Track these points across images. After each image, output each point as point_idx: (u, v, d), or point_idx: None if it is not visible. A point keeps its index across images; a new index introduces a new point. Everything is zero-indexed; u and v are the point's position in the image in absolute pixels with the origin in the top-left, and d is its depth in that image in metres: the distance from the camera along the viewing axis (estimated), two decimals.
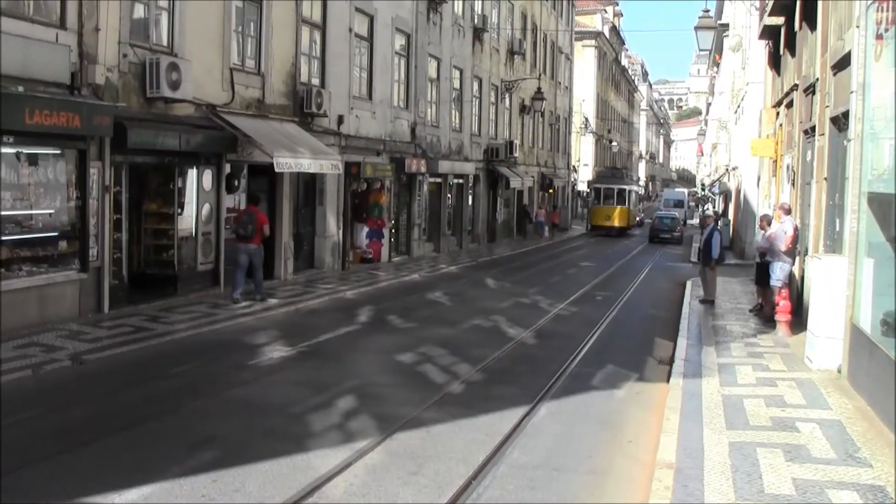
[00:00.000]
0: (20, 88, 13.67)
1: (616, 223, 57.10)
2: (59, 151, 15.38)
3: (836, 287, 12.54)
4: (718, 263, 21.30)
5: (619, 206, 57.36)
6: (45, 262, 15.27)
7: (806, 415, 10.31)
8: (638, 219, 69.51)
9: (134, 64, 16.62)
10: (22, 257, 14.79)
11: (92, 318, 15.70)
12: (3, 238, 14.34)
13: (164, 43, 17.79)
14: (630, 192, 60.00)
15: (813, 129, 16.87)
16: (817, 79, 16.22)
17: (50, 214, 15.41)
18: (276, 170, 19.30)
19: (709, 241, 20.97)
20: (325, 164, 21.47)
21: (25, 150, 14.63)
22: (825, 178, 15.37)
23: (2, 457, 8.33)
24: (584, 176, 72.90)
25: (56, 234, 15.51)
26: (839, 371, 12.34)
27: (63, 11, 15.08)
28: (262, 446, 9.05)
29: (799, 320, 16.10)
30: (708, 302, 20.51)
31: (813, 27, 17.28)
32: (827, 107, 15.05)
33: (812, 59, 17.30)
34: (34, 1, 14.56)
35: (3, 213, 14.31)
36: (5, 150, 14.21)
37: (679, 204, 77.99)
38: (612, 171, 66.29)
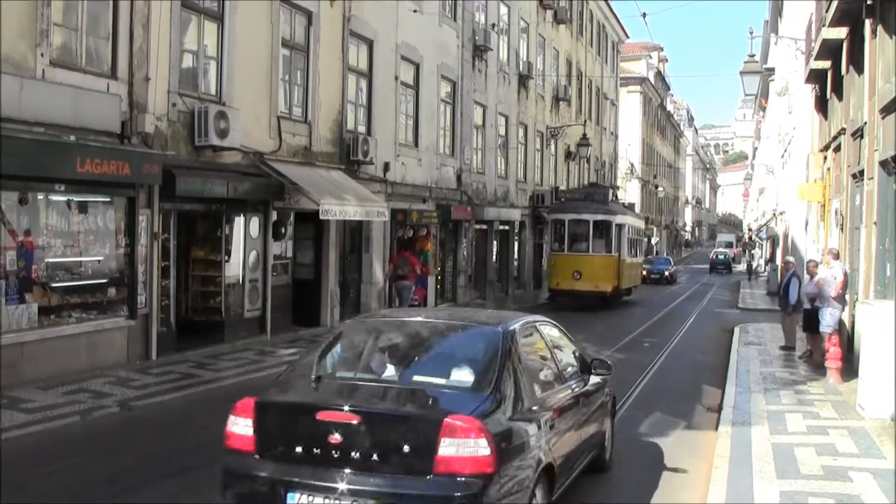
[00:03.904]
0: (72, 137, 13.93)
1: (590, 284, 32.15)
2: (108, 199, 15.61)
3: (887, 333, 12.31)
4: (795, 310, 20.79)
5: (597, 255, 32.86)
6: (95, 308, 15.44)
7: (859, 464, 10.08)
8: (669, 271, 56.04)
9: (183, 112, 16.88)
10: (72, 304, 14.95)
11: (140, 364, 15.82)
12: (54, 284, 14.55)
13: (213, 92, 18.08)
14: (620, 227, 33.98)
15: (861, 172, 16.70)
16: (865, 122, 16.09)
17: (99, 261, 15.60)
18: (323, 217, 19.43)
19: (787, 288, 20.49)
20: (371, 211, 21.59)
21: (76, 198, 14.88)
22: (874, 223, 15.19)
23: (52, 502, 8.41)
24: None
25: (105, 280, 15.68)
26: (892, 419, 12.08)
27: (114, 62, 15.39)
28: None
29: (850, 367, 15.83)
30: (787, 349, 20.14)
31: (860, 71, 17.17)
32: (875, 150, 14.92)
33: (859, 102, 17.17)
34: (86, 52, 14.86)
35: (54, 259, 14.55)
36: (56, 197, 14.49)
37: (729, 245, 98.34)
38: (588, 190, 38.04)
